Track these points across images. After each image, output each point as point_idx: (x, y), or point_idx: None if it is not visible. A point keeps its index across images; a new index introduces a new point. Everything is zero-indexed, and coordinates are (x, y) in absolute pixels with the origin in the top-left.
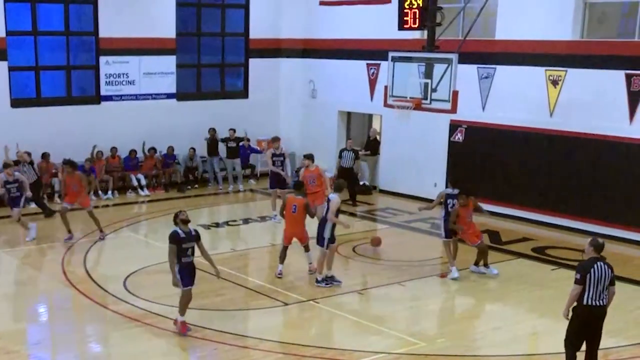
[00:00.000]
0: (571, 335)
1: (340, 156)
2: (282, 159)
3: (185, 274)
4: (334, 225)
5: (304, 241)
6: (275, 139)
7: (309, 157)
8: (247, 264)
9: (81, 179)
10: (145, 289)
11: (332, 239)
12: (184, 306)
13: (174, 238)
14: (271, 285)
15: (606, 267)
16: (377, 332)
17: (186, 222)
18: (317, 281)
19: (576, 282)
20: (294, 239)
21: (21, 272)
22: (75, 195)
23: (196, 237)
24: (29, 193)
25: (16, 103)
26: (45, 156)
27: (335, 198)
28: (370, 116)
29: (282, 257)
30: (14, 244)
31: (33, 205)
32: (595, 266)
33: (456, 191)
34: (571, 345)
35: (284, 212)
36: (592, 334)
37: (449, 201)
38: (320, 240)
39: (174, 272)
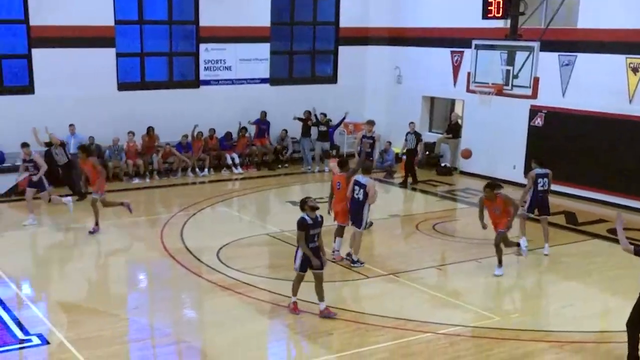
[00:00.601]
0: (635, 316)
1: (405, 139)
2: (371, 141)
3: (308, 259)
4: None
5: (343, 221)
6: (370, 122)
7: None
8: (332, 238)
9: (94, 164)
10: (236, 260)
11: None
12: (296, 287)
13: (302, 224)
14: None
15: None
16: (454, 306)
17: (314, 209)
18: (353, 262)
19: (636, 252)
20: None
21: (124, 243)
22: (94, 181)
23: (321, 223)
24: (38, 175)
25: (123, 87)
26: (149, 130)
27: (370, 181)
28: (452, 101)
29: (339, 235)
30: (120, 216)
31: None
32: None
33: (546, 171)
34: (633, 325)
35: (332, 192)
36: None
37: (539, 180)
38: (358, 222)
39: (309, 253)
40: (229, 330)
